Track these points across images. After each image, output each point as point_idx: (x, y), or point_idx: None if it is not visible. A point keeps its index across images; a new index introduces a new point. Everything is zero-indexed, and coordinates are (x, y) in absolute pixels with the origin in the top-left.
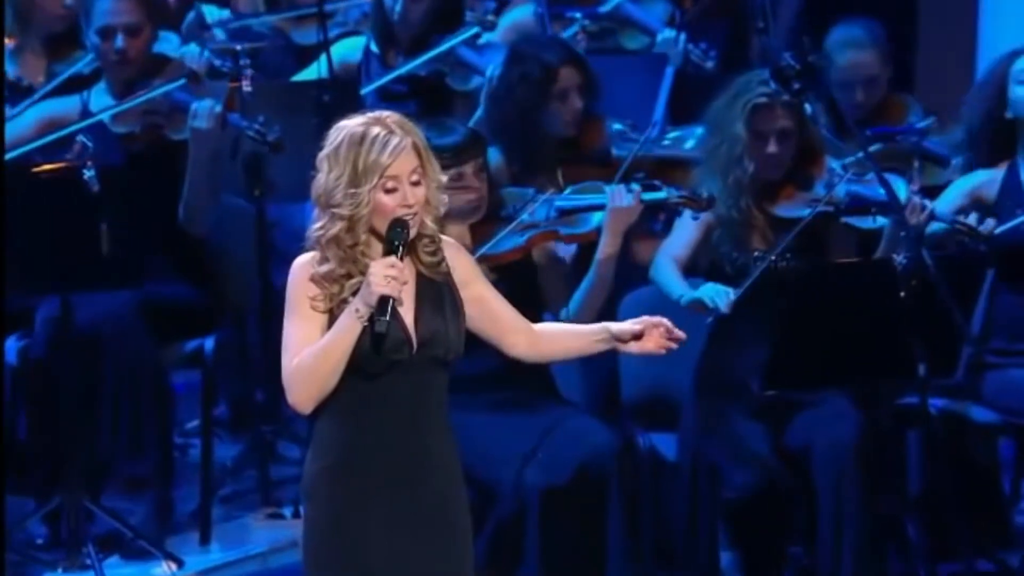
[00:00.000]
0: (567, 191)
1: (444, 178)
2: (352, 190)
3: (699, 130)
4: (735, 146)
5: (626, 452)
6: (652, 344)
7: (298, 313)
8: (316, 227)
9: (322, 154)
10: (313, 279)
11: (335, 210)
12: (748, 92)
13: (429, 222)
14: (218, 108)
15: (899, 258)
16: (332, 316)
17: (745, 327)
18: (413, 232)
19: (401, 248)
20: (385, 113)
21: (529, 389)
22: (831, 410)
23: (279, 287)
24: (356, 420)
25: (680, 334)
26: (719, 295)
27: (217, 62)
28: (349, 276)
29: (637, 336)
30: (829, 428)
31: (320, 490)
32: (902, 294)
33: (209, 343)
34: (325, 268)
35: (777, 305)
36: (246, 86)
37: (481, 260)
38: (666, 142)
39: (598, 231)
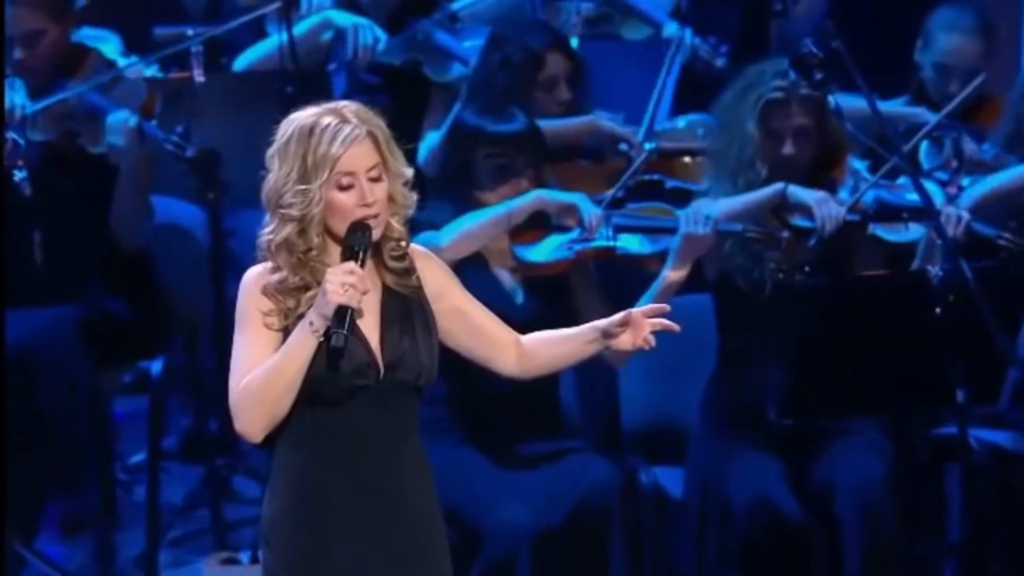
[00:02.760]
0: (627, 208)
1: (410, 172)
2: (301, 187)
3: (688, 118)
4: (746, 147)
5: (628, 489)
6: (643, 331)
7: (249, 329)
8: (266, 231)
9: (271, 150)
10: (266, 292)
11: (284, 211)
12: (761, 86)
13: (396, 223)
14: (132, 121)
15: (935, 271)
16: (287, 334)
17: (761, 347)
18: (377, 234)
19: (363, 255)
20: (343, 103)
21: (522, 416)
22: (858, 441)
23: (235, 302)
24: (318, 454)
25: (673, 326)
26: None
27: (153, 67)
28: (306, 288)
29: (626, 323)
30: (856, 461)
31: (278, 534)
32: (938, 311)
33: (156, 366)
34: (278, 277)
35: (797, 323)
36: (198, 76)
37: (520, 268)
38: (663, 128)
39: (658, 256)
